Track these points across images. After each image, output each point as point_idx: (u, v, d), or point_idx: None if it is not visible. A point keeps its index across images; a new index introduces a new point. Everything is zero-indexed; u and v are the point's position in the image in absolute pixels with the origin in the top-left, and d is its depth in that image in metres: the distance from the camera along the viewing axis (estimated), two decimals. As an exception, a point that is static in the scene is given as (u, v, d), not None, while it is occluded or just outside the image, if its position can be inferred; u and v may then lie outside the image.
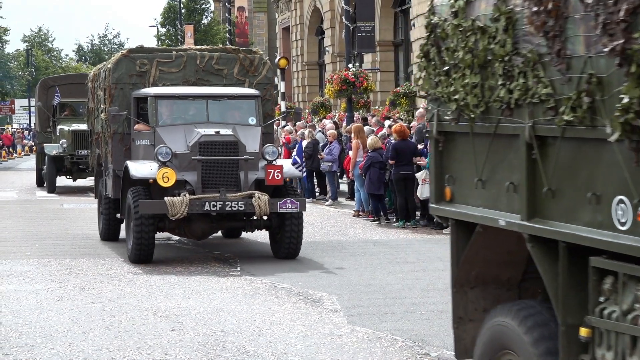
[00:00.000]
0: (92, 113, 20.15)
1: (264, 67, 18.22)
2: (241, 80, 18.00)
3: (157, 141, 16.48)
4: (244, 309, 12.21)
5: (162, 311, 12.09)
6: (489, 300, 7.43)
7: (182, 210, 15.51)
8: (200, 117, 16.99)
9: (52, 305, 12.60)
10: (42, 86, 35.87)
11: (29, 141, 75.17)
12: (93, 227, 21.84)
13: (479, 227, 6.99)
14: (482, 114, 6.64)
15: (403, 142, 21.24)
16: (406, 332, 10.78)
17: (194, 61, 17.84)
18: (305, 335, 10.69)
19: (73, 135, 32.55)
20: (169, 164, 15.84)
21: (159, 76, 17.68)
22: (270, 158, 16.35)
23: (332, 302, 12.62)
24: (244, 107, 17.33)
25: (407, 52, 38.84)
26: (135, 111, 17.41)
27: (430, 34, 7.48)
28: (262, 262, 16.58)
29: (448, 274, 14.87)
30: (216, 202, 15.64)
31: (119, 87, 17.60)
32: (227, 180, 16.00)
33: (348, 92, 31.52)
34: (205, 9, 72.53)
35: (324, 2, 47.37)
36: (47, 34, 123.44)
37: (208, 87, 17.66)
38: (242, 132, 16.49)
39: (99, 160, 19.64)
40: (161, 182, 15.55)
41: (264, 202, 15.72)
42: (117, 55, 18.25)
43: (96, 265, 16.12)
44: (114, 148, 17.68)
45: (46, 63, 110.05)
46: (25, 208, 27.35)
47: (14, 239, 19.94)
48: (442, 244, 18.48)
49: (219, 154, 16.04)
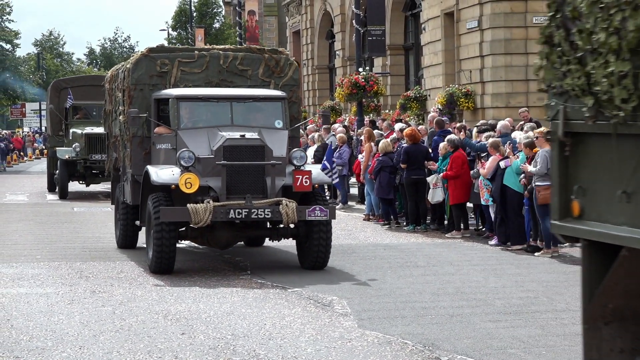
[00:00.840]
0: (110, 115, 19.38)
1: (290, 67, 17.43)
2: (266, 82, 17.23)
3: (178, 145, 15.75)
4: (254, 312, 12.20)
5: (173, 314, 12.09)
6: (627, 340, 6.31)
7: (205, 218, 14.75)
8: (224, 120, 16.20)
9: (62, 308, 12.61)
10: (55, 88, 35.03)
11: (40, 145, 75.31)
12: (104, 230, 21.88)
13: (624, 251, 5.80)
14: (634, 111, 5.42)
15: (414, 146, 21.23)
16: (417, 336, 10.76)
17: (217, 61, 17.09)
18: (315, 339, 10.68)
19: (86, 139, 31.60)
20: (191, 169, 15.07)
21: (180, 77, 16.96)
22: (298, 163, 15.56)
23: (343, 306, 12.60)
24: (270, 109, 16.58)
25: (418, 56, 38.81)
26: (156, 113, 16.69)
27: (556, 14, 6.27)
28: (273, 266, 16.58)
29: (458, 278, 14.93)
30: (241, 209, 14.85)
31: (139, 88, 16.86)
32: (252, 187, 15.20)
33: (358, 95, 31.50)
34: (216, 13, 72.60)
35: (334, 6, 47.37)
36: (57, 37, 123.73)
37: (232, 88, 16.90)
38: (269, 136, 15.74)
39: (116, 165, 18.91)
40: (184, 188, 14.77)
41: (292, 209, 14.96)
42: (137, 55, 17.35)
43: (107, 268, 16.12)
44: (133, 152, 16.95)
45: (57, 67, 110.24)
46: (35, 211, 27.40)
47: (25, 242, 19.97)
48: (453, 248, 18.49)
49: (244, 159, 15.24)
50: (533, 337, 10.71)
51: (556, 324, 11.43)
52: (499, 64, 29.43)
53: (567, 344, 10.43)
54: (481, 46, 29.95)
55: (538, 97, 29.14)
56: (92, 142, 31.56)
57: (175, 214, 14.97)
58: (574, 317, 11.79)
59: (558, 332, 10.95)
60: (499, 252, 17.71)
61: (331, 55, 49.88)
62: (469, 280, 14.70)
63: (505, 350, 10.19)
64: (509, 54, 29.36)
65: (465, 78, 30.74)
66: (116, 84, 18.32)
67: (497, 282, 14.46)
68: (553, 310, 12.27)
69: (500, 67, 29.42)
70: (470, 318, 11.74)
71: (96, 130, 30.94)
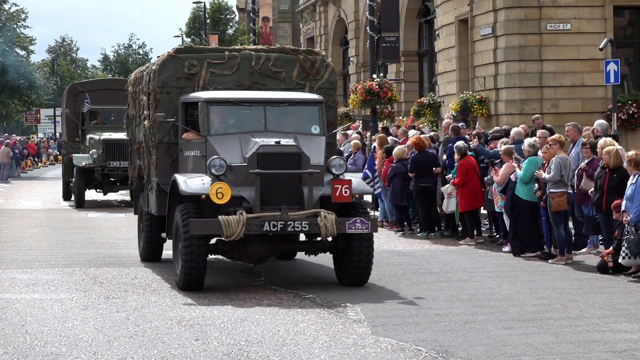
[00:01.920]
0: (133, 120, 18.30)
1: (326, 69, 16.37)
2: (301, 84, 16.19)
3: (209, 152, 14.70)
4: (268, 318, 12.20)
5: (186, 320, 12.10)
6: None
7: (238, 231, 13.77)
8: (258, 125, 15.14)
9: (76, 314, 12.64)
10: (71, 92, 33.58)
11: (54, 151, 75.55)
12: (118, 236, 21.94)
13: None
14: None
15: (421, 154, 21.27)
16: (430, 343, 10.75)
17: (249, 63, 16.02)
18: (329, 346, 10.68)
19: (104, 145, 30.22)
20: (223, 178, 14.01)
21: (209, 79, 15.89)
22: (337, 172, 14.47)
23: (356, 312, 12.60)
24: (306, 114, 15.55)
25: (432, 62, 38.82)
26: (184, 118, 15.63)
27: None
28: (286, 272, 16.58)
29: (472, 285, 14.90)
30: (277, 221, 13.86)
31: (165, 91, 15.81)
32: (288, 197, 14.16)
33: (372, 102, 31.48)
34: (230, 19, 72.73)
35: (348, 13, 47.41)
36: (70, 44, 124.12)
37: (265, 91, 15.87)
38: (305, 143, 14.70)
39: (140, 173, 17.83)
40: (214, 198, 13.76)
41: (331, 221, 13.96)
42: (163, 56, 16.28)
43: (120, 274, 16.15)
44: (158, 159, 15.88)
45: (71, 73, 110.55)
46: (50, 217, 27.48)
47: (39, 247, 20.03)
48: (466, 255, 18.47)
49: (279, 167, 14.18)
50: (547, 344, 10.69)
51: (570, 331, 11.40)
52: (513, 70, 29.41)
53: (582, 351, 10.41)
54: (495, 53, 29.94)
55: (552, 104, 29.15)
56: (110, 148, 30.27)
57: (206, 227, 13.96)
58: (588, 324, 11.79)
59: (572, 340, 10.92)
60: (512, 259, 17.68)
61: (345, 61, 49.90)
62: (483, 287, 14.69)
63: (519, 358, 10.17)
64: (523, 61, 29.34)
65: (480, 85, 30.72)
66: (140, 86, 17.35)
67: (511, 289, 14.43)
68: (567, 317, 12.25)
69: (514, 74, 29.40)
70: (484, 325, 11.73)
71: (114, 136, 30.14)
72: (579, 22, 29.34)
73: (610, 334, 11.27)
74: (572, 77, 29.36)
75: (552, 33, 29.32)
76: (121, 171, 29.75)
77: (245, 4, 74.75)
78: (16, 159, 53.34)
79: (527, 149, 17.86)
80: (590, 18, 29.39)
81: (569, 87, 29.33)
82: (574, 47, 29.33)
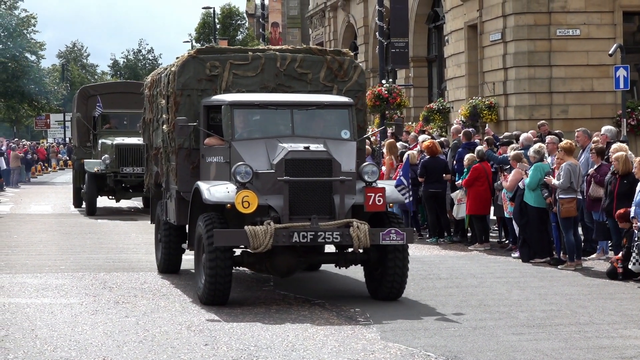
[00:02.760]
0: (150, 125, 17.49)
1: (354, 71, 15.58)
2: (328, 87, 15.40)
3: (233, 158, 13.94)
4: (277, 323, 12.21)
5: (196, 325, 12.12)
6: None
7: (266, 242, 12.96)
8: (284, 129, 14.41)
9: (86, 318, 12.66)
10: (82, 95, 32.69)
11: (64, 156, 75.71)
12: (127, 241, 21.98)
13: None
14: None
15: (432, 159, 21.25)
16: (440, 349, 10.74)
17: (274, 64, 15.25)
18: (338, 351, 10.68)
19: (117, 150, 29.24)
20: (249, 186, 13.22)
21: (232, 81, 15.10)
22: (370, 179, 13.64)
23: (366, 318, 12.60)
24: (336, 118, 14.81)
25: (441, 68, 38.82)
26: (205, 122, 14.85)
27: None
28: (295, 277, 16.57)
29: (481, 290, 14.89)
30: (306, 232, 13.05)
31: (186, 94, 15.00)
32: (318, 206, 13.37)
33: (381, 107, 31.51)
34: (240, 25, 72.82)
35: (357, 18, 47.45)
36: (81, 49, 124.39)
37: (291, 94, 15.09)
38: (335, 148, 13.93)
39: (158, 180, 17.02)
40: (240, 207, 12.95)
41: (364, 232, 13.14)
42: (184, 57, 15.42)
43: (130, 279, 16.18)
44: (178, 166, 15.09)
45: (81, 78, 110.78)
46: (59, 222, 27.52)
47: (49, 252, 20.07)
48: (475, 260, 18.47)
49: (309, 174, 13.38)
50: (556, 350, 10.68)
51: (580, 337, 11.39)
52: (523, 76, 29.40)
53: (591, 357, 10.40)
54: (504, 58, 29.93)
55: (561, 110, 29.12)
56: (123, 153, 29.28)
57: (232, 238, 13.14)
58: (598, 330, 11.78)
59: (582, 346, 10.91)
60: (522, 265, 17.67)
61: (354, 67, 49.85)
62: (492, 292, 14.68)
63: (529, 363, 10.17)
64: (533, 67, 29.33)
65: (489, 90, 30.72)
66: (158, 89, 16.51)
67: (520, 295, 14.42)
68: (577, 323, 12.24)
69: (523, 80, 29.39)
70: (493, 331, 11.72)
71: (127, 141, 29.27)
72: (589, 28, 29.32)
73: (619, 340, 11.25)
74: (582, 83, 29.33)
75: (561, 39, 29.31)
76: (134, 177, 28.98)
77: (254, 9, 74.90)
78: (26, 164, 53.46)
79: (533, 155, 17.86)
80: (599, 24, 29.37)
81: (578, 92, 29.32)
82: (583, 53, 29.32)
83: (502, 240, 20.64)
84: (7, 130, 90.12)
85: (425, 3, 40.41)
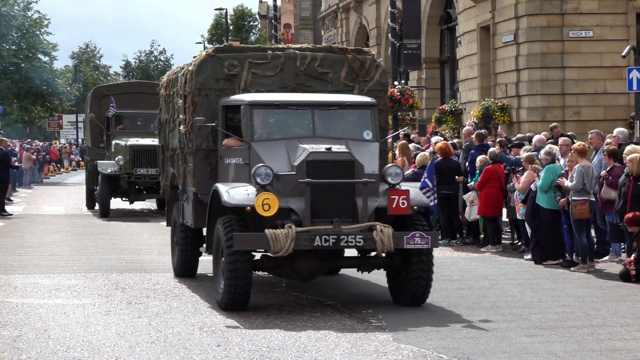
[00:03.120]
0: (166, 125, 17.11)
1: (376, 70, 15.20)
2: (349, 86, 15.04)
3: (252, 159, 13.58)
4: (290, 325, 12.21)
5: (208, 326, 12.13)
6: None
7: (287, 246, 12.63)
8: (305, 130, 14.09)
9: (99, 319, 12.69)
10: (95, 95, 32.26)
11: (76, 156, 75.89)
12: (140, 242, 22.01)
13: None
14: None
15: (445, 161, 21.21)
16: (452, 350, 10.73)
17: (293, 63, 14.90)
18: (350, 353, 10.68)
19: (131, 151, 28.78)
20: (269, 188, 12.86)
21: (251, 80, 14.75)
22: (394, 181, 13.28)
23: (378, 319, 12.60)
24: (358, 118, 14.48)
25: (453, 69, 38.80)
26: (224, 122, 14.49)
27: None
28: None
29: (494, 292, 14.87)
30: (329, 235, 12.70)
31: (204, 94, 14.67)
32: (341, 209, 13.02)
33: (394, 109, 31.50)
34: (252, 26, 72.89)
35: (370, 19, 47.45)
36: (94, 50, 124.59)
37: (312, 94, 14.74)
38: (357, 149, 13.58)
39: (174, 182, 16.68)
40: (261, 210, 12.62)
41: (388, 236, 12.82)
42: (201, 55, 15.13)
43: (142, 280, 16.20)
44: (196, 167, 14.76)
45: (94, 79, 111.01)
46: (72, 222, 27.59)
47: (61, 253, 20.11)
48: (488, 262, 18.44)
49: (331, 176, 13.04)
50: (569, 352, 10.66)
51: (592, 339, 11.37)
52: (535, 77, 29.37)
53: (604, 359, 10.37)
54: (517, 60, 29.90)
55: (574, 112, 29.09)
56: (137, 154, 28.85)
57: (252, 241, 12.85)
58: (611, 332, 11.75)
59: (594, 348, 10.89)
60: (534, 267, 17.64)
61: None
62: (505, 294, 14.66)
63: (541, 366, 10.16)
64: (545, 68, 29.30)
65: (501, 92, 30.69)
66: (175, 89, 16.13)
67: (532, 297, 14.40)
68: (589, 325, 12.21)
69: (536, 81, 29.36)
70: (505, 333, 11.70)
71: (141, 142, 28.96)
72: (602, 30, 29.28)
73: (632, 343, 11.22)
74: (595, 85, 29.29)
75: (574, 40, 29.28)
76: (148, 179, 28.65)
77: (267, 10, 74.93)
78: (39, 164, 53.59)
79: (544, 157, 17.82)
80: (612, 25, 29.33)
81: (591, 94, 29.27)
82: (596, 55, 29.27)
83: (515, 242, 20.60)
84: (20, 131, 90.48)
85: (438, 4, 40.42)
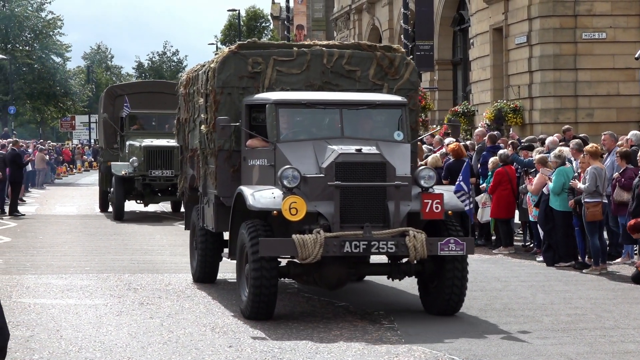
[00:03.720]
0: (185, 125, 16.46)
1: (406, 68, 14.57)
2: (378, 85, 14.42)
3: (278, 161, 12.96)
4: (301, 326, 12.21)
5: (220, 327, 12.14)
6: None
7: (315, 252, 11.98)
8: (333, 130, 13.48)
9: (111, 319, 12.71)
10: (109, 95, 31.45)
11: (89, 157, 76.06)
12: (152, 242, 22.04)
13: None
14: None
15: (457, 162, 21.16)
16: (464, 352, 10.72)
17: (320, 60, 14.27)
18: (362, 354, 10.67)
19: (145, 153, 28.02)
20: (296, 191, 12.22)
21: (276, 78, 14.14)
22: (427, 184, 12.59)
23: (390, 321, 12.58)
24: (388, 118, 13.89)
25: (466, 71, 38.78)
26: (247, 122, 13.88)
27: None
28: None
29: (506, 294, 14.85)
30: (359, 241, 12.06)
31: (226, 92, 14.02)
32: (371, 213, 12.42)
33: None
34: (265, 27, 72.97)
35: (382, 21, 47.44)
36: (106, 51, 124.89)
37: (339, 92, 14.12)
38: (388, 151, 12.94)
39: (193, 184, 16.09)
40: (288, 214, 11.97)
41: (421, 242, 12.18)
42: (224, 52, 14.50)
43: (155, 280, 16.22)
44: (218, 169, 14.10)
45: (106, 80, 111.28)
46: (84, 223, 27.64)
47: (74, 253, 20.15)
48: (500, 264, 18.41)
49: (361, 179, 12.43)
50: (581, 354, 10.63)
51: (605, 341, 11.34)
52: (548, 79, 29.33)
53: (616, 362, 10.36)
54: (530, 62, 29.86)
55: (587, 113, 29.03)
56: (151, 156, 28.10)
57: (278, 247, 12.18)
58: (623, 334, 11.72)
59: (607, 350, 10.86)
60: (546, 269, 17.61)
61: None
62: (517, 296, 14.64)
63: (553, 368, 10.14)
64: (558, 70, 29.27)
65: (514, 93, 30.64)
66: (195, 87, 15.46)
67: (545, 299, 14.38)
68: (602, 327, 12.18)
69: (549, 83, 29.32)
70: (518, 335, 11.68)
71: (156, 143, 28.36)
72: (615, 31, 29.23)
73: (645, 345, 11.20)
74: (607, 86, 29.25)
75: (587, 42, 29.24)
76: (163, 181, 28.14)
77: (279, 12, 75.00)
78: (52, 165, 53.72)
79: (554, 160, 17.79)
80: (625, 27, 29.27)
81: (604, 96, 29.23)
82: (609, 56, 29.23)
83: (527, 244, 20.57)
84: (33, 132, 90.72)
85: (451, 6, 40.39)
